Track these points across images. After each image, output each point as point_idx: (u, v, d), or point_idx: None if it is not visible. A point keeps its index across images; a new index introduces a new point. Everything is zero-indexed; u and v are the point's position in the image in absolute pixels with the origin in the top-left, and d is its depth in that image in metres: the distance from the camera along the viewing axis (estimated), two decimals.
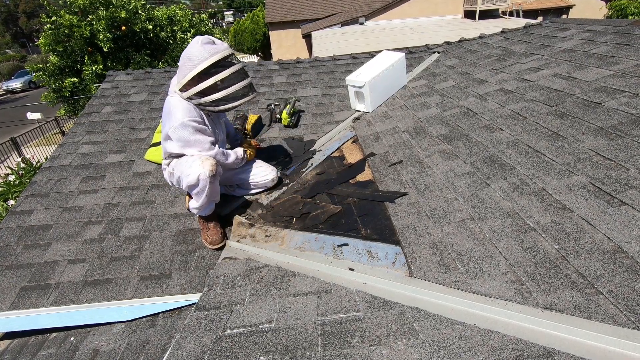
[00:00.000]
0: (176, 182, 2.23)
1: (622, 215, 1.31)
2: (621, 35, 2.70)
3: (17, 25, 41.45)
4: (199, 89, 2.01)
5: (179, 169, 2.14)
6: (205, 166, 2.03)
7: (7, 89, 23.02)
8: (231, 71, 2.03)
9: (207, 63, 1.95)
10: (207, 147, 2.11)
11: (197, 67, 1.95)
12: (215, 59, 1.96)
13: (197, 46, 1.97)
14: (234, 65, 2.06)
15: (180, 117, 2.02)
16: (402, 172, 2.21)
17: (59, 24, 8.92)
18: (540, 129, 2.01)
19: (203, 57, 1.95)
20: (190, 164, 2.06)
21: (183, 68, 2.02)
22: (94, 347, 1.94)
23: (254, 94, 2.21)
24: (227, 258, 2.00)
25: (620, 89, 2.03)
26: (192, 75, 1.97)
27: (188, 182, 2.05)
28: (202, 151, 2.09)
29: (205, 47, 1.96)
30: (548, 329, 1.09)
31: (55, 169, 2.92)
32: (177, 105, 2.06)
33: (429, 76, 3.57)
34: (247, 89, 2.15)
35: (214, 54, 1.96)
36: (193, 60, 1.97)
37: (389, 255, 1.66)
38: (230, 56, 2.05)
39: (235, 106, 2.12)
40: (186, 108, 2.05)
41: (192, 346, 1.33)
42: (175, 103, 2.07)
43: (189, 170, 2.05)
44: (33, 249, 2.28)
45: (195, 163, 2.05)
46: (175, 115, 2.04)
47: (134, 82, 4.05)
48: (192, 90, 2.02)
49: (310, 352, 1.20)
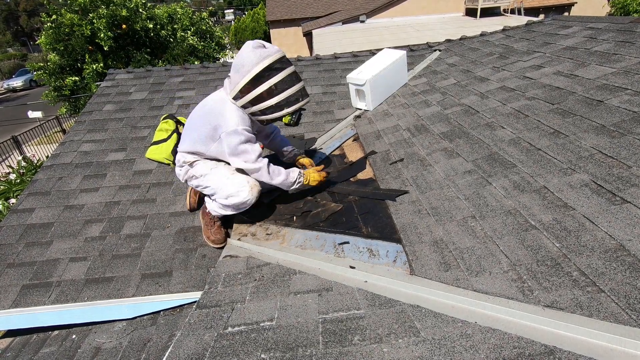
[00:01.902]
0: (201, 188, 2.16)
1: (624, 213, 1.30)
2: (623, 32, 2.69)
3: (18, 24, 41.45)
4: (252, 96, 1.94)
5: (216, 183, 2.07)
6: (254, 193, 2.04)
7: (8, 88, 23.04)
8: (284, 74, 1.94)
9: (259, 67, 1.88)
10: (253, 158, 2.01)
11: (250, 72, 1.89)
12: (267, 63, 1.89)
13: (247, 51, 1.91)
14: (287, 68, 1.96)
15: (234, 124, 1.96)
16: (403, 170, 2.20)
17: (60, 22, 8.92)
18: (541, 126, 2.01)
19: (254, 62, 1.88)
20: (237, 186, 2.02)
21: (235, 75, 1.95)
22: (95, 344, 1.95)
23: (307, 99, 2.09)
24: (228, 256, 2.00)
25: (623, 86, 2.02)
26: (245, 81, 1.91)
27: (230, 202, 2.04)
28: (247, 162, 2.01)
29: (256, 51, 1.90)
30: (549, 327, 1.09)
31: (57, 167, 2.93)
32: (233, 112, 1.99)
33: (430, 74, 3.56)
34: (299, 94, 2.03)
35: (265, 58, 1.89)
36: (245, 66, 1.90)
37: (390, 254, 1.66)
38: (282, 59, 1.96)
39: (287, 113, 2.02)
40: (241, 116, 1.99)
41: (194, 344, 1.33)
42: (231, 109, 1.99)
43: (234, 192, 2.02)
44: (34, 247, 2.28)
45: (244, 188, 2.02)
46: (229, 120, 1.97)
47: (134, 80, 4.05)
48: (245, 98, 1.96)
49: (311, 350, 1.20)
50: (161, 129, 2.90)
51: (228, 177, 2.07)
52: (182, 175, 2.20)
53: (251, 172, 2.07)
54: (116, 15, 9.07)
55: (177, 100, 3.67)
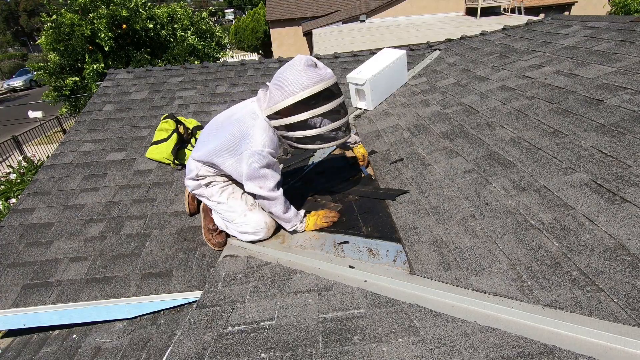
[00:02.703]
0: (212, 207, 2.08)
1: (624, 213, 1.30)
2: (623, 32, 2.68)
3: (18, 24, 41.46)
4: (291, 122, 1.71)
5: (232, 216, 1.99)
6: (270, 232, 2.01)
7: (8, 88, 23.06)
8: (333, 105, 1.70)
9: (309, 92, 1.64)
10: (270, 186, 1.83)
11: (296, 95, 1.65)
12: (319, 89, 1.65)
13: (297, 69, 1.66)
14: (337, 99, 1.72)
15: (260, 144, 1.75)
16: (403, 170, 2.20)
17: (60, 22, 8.92)
18: (541, 126, 2.01)
19: (304, 84, 1.64)
20: (255, 227, 1.96)
21: (277, 92, 1.70)
22: (96, 344, 1.95)
23: (348, 135, 1.87)
24: (228, 256, 2.01)
25: (623, 86, 2.02)
26: (287, 104, 1.68)
27: (244, 238, 2.03)
28: (262, 188, 1.82)
29: (307, 71, 1.65)
30: (549, 326, 1.09)
31: (57, 167, 2.93)
32: (263, 131, 1.77)
33: (430, 73, 3.56)
34: (343, 128, 1.80)
35: (317, 82, 1.65)
36: (291, 85, 1.65)
37: (389, 253, 1.66)
38: (334, 86, 1.72)
39: (321, 148, 1.82)
40: (270, 138, 1.79)
41: (194, 343, 1.33)
42: (262, 128, 1.78)
43: (251, 231, 1.98)
44: (35, 247, 2.29)
45: (262, 230, 1.98)
46: (257, 139, 1.76)
47: (134, 80, 4.05)
48: (282, 121, 1.74)
49: (311, 349, 1.20)
50: (161, 129, 2.91)
51: (246, 213, 1.98)
52: (192, 187, 2.06)
53: (264, 200, 1.88)
54: (116, 15, 9.07)
55: (177, 100, 3.67)
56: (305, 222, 2.00)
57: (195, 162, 1.99)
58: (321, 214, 2.01)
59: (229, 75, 4.02)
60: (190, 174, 2.03)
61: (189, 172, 2.04)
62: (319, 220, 1.98)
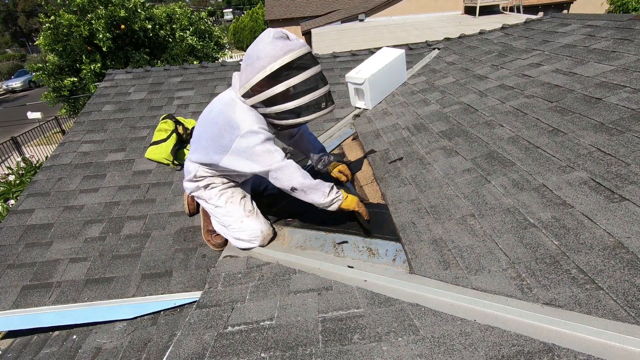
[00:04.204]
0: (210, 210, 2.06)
1: (623, 211, 1.30)
2: (622, 30, 2.69)
3: (17, 25, 41.40)
4: (266, 97, 1.65)
5: (229, 221, 1.97)
6: (265, 242, 1.99)
7: (7, 89, 23.04)
8: (307, 75, 1.63)
9: (279, 64, 1.58)
10: (279, 157, 1.72)
11: (266, 68, 1.59)
12: (288, 59, 1.58)
13: (266, 42, 1.60)
14: (311, 68, 1.64)
15: (248, 124, 1.68)
16: (402, 169, 2.20)
17: (58, 23, 8.91)
18: (540, 124, 2.01)
19: (274, 55, 1.57)
20: (250, 235, 1.94)
21: (248, 69, 1.65)
22: (96, 345, 1.95)
23: (332, 106, 1.77)
24: (228, 256, 2.01)
25: (621, 84, 2.02)
26: (258, 78, 1.61)
27: (238, 245, 2.00)
28: (272, 164, 1.71)
29: (277, 43, 1.58)
30: (548, 324, 1.09)
31: (56, 168, 2.93)
32: (245, 112, 1.71)
33: (429, 73, 3.56)
34: (323, 99, 1.72)
35: (287, 52, 1.58)
36: (261, 59, 1.59)
37: (389, 252, 1.67)
38: (306, 55, 1.64)
39: (306, 121, 1.74)
40: (255, 115, 1.72)
41: (194, 343, 1.33)
42: (242, 110, 1.71)
43: (246, 238, 1.95)
44: (34, 248, 2.29)
45: (257, 238, 1.95)
46: (241, 122, 1.69)
47: (133, 80, 4.05)
48: (257, 97, 1.67)
49: (311, 348, 1.20)
50: (160, 129, 2.91)
51: (243, 220, 1.96)
52: (190, 189, 2.03)
53: (278, 175, 1.74)
54: (115, 16, 9.06)
55: (176, 100, 3.67)
56: (342, 194, 1.81)
57: (193, 163, 1.98)
58: (355, 198, 1.84)
59: (227, 75, 4.02)
60: (188, 175, 2.01)
61: (187, 173, 2.02)
62: (355, 203, 1.81)
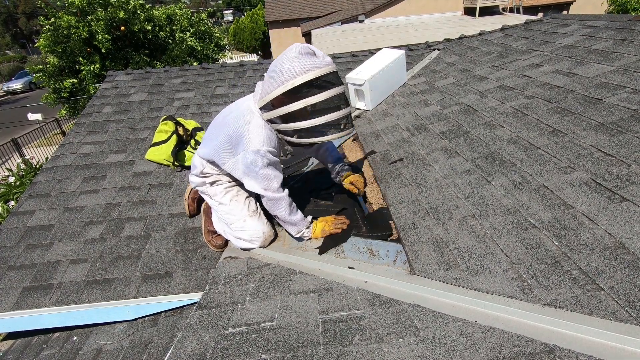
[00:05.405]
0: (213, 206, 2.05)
1: (623, 212, 1.30)
2: (622, 30, 2.69)
3: (17, 26, 41.46)
4: (283, 112, 1.60)
5: (232, 219, 1.96)
6: (266, 243, 1.98)
7: (7, 90, 23.07)
8: (327, 95, 1.56)
9: (300, 80, 1.53)
10: (274, 186, 1.75)
11: (287, 83, 1.54)
12: (310, 77, 1.53)
13: (291, 56, 1.57)
14: (334, 88, 1.58)
15: (257, 143, 1.67)
16: (402, 170, 2.20)
17: (58, 25, 8.93)
18: (540, 125, 2.01)
19: (296, 72, 1.53)
20: (252, 235, 1.93)
21: (269, 82, 1.61)
22: (96, 346, 1.95)
23: (351, 129, 1.72)
24: (228, 257, 2.01)
25: (621, 84, 2.03)
26: (278, 93, 1.57)
27: (239, 244, 2.00)
28: (267, 190, 1.75)
29: (301, 59, 1.55)
30: (549, 325, 1.09)
31: (56, 169, 2.93)
32: (259, 128, 1.70)
33: (429, 73, 3.57)
34: (342, 121, 1.66)
35: (310, 70, 1.53)
36: (283, 74, 1.55)
37: (390, 253, 1.66)
38: (330, 75, 1.59)
39: (321, 142, 1.69)
40: (267, 135, 1.71)
41: (194, 345, 1.33)
42: (257, 126, 1.70)
43: (247, 238, 1.95)
44: (35, 250, 2.29)
45: (259, 239, 1.95)
46: (252, 137, 1.68)
47: (133, 82, 4.05)
48: (274, 112, 1.63)
49: (311, 350, 1.20)
50: (161, 130, 2.91)
51: (245, 219, 1.94)
52: (196, 184, 2.03)
53: (268, 201, 1.81)
54: (114, 17, 9.08)
55: (176, 101, 3.67)
56: (312, 227, 1.90)
57: (201, 159, 1.97)
58: (330, 220, 1.91)
59: (228, 76, 4.02)
60: (195, 170, 2.00)
61: (193, 167, 2.01)
62: (327, 226, 1.89)
